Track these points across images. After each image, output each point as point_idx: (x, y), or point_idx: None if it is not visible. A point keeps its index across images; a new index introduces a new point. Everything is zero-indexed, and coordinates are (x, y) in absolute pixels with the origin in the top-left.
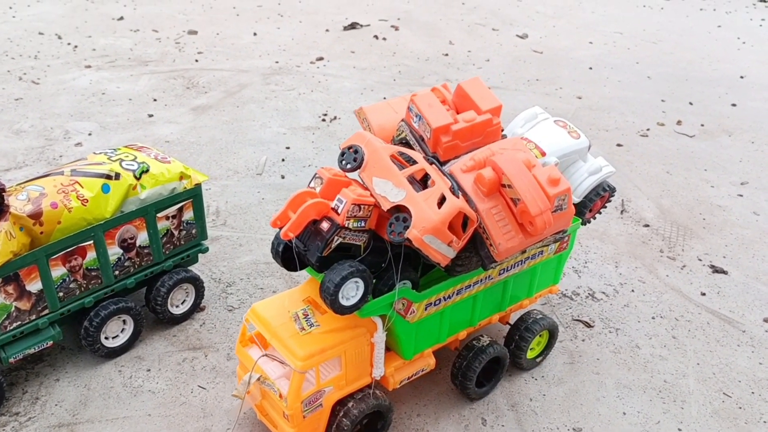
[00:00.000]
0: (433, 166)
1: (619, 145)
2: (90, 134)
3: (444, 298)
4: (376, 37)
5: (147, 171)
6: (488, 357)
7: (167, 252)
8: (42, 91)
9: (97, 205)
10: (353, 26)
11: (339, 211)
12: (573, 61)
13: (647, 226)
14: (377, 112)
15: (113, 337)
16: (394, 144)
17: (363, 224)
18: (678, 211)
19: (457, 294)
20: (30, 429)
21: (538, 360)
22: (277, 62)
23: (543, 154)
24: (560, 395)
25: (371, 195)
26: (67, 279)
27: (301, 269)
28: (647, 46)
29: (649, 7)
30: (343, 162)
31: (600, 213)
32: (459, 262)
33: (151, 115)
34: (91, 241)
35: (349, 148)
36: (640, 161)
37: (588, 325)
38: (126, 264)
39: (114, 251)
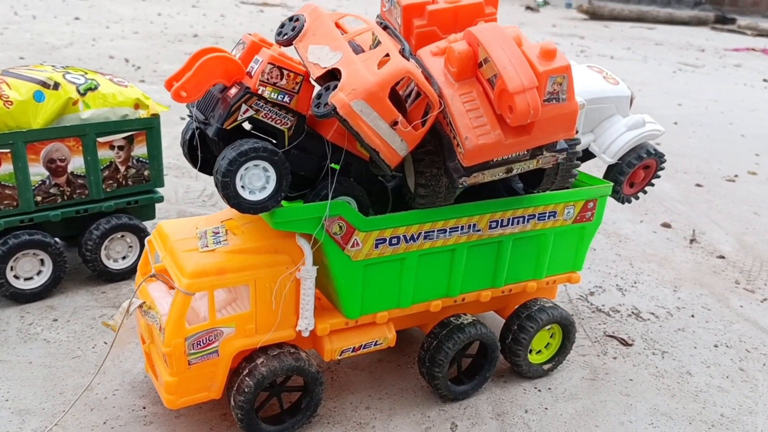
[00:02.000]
0: (387, 31)
1: (698, 185)
2: None
3: (405, 237)
4: None
5: (94, 89)
6: (467, 338)
7: (109, 189)
8: None
9: (23, 111)
10: None
11: (253, 73)
12: (656, 116)
13: (722, 257)
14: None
15: (26, 279)
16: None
17: (287, 99)
18: (764, 248)
19: (424, 237)
20: None
21: (545, 367)
22: None
23: None
24: (569, 412)
25: (302, 64)
26: None
27: (206, 171)
28: (744, 112)
29: (750, 86)
30: (281, 33)
31: (645, 191)
32: (422, 180)
33: (183, 118)
34: (8, 150)
35: (291, 18)
36: (723, 201)
37: (625, 343)
38: (52, 191)
39: (37, 170)
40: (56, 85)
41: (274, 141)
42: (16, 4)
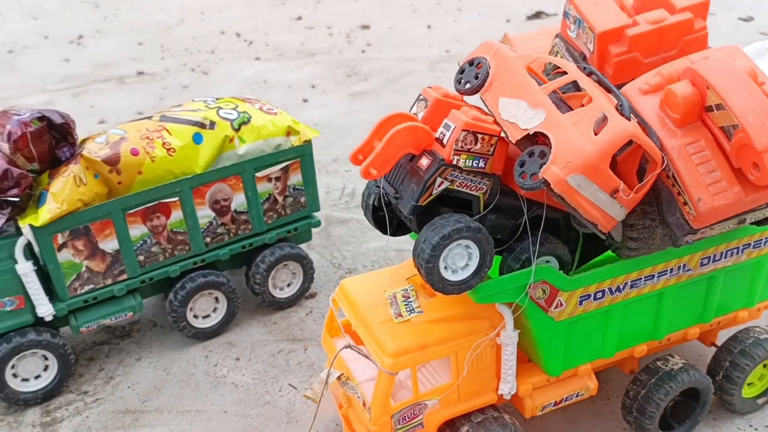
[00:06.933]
0: (592, 77)
1: None
2: None
3: (611, 289)
4: None
5: (247, 122)
6: (679, 387)
7: (270, 221)
8: (209, 80)
9: (185, 157)
10: (538, 15)
11: (445, 141)
12: None
13: None
14: (528, 40)
15: (203, 317)
16: (547, 77)
17: (482, 164)
18: None
19: (631, 286)
20: (93, 412)
21: (759, 401)
22: (447, 51)
23: None
24: None
25: (495, 122)
26: (149, 241)
27: (396, 234)
28: None
29: None
30: (462, 81)
31: None
32: (633, 234)
33: (306, 100)
34: (177, 198)
35: (471, 62)
36: None
37: None
38: (219, 231)
39: (204, 213)
40: (212, 125)
41: (467, 209)
42: None
